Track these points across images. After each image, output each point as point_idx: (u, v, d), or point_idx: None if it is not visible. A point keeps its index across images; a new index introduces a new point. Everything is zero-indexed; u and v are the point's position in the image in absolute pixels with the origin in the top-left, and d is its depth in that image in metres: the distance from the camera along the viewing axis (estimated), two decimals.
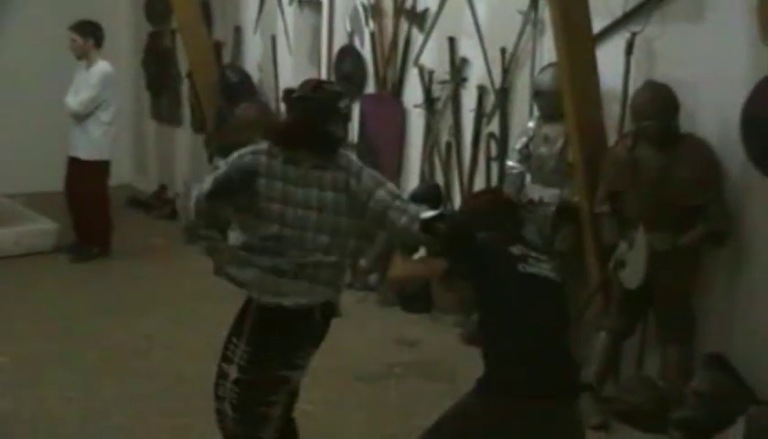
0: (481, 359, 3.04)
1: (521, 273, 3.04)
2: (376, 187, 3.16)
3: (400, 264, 3.26)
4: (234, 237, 3.28)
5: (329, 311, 3.26)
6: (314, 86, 3.27)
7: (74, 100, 6.42)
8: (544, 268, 3.11)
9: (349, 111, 3.29)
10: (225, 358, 3.27)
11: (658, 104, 4.25)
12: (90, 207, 6.64)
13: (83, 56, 6.48)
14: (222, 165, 3.28)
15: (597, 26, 4.65)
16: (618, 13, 4.65)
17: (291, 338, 3.18)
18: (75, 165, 6.55)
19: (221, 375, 3.27)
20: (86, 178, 6.52)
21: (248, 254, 3.17)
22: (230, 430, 3.29)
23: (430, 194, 5.41)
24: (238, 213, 3.23)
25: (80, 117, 6.43)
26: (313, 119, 3.14)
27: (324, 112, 3.15)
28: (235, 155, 3.23)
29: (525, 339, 2.96)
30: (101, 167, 6.59)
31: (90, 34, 6.46)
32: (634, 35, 4.51)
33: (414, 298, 5.73)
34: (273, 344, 3.18)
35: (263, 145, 3.22)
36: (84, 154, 6.50)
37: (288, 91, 3.25)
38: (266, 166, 3.16)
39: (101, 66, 6.48)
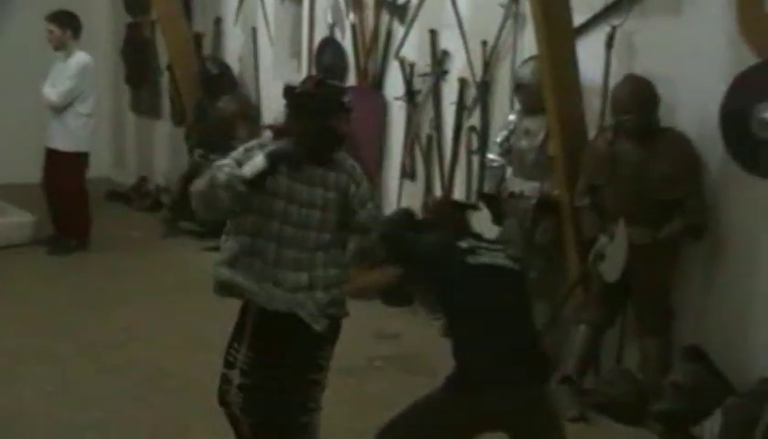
0: None
1: (472, 265, 3.05)
2: (369, 199, 3.25)
3: (357, 277, 3.32)
4: (228, 246, 3.18)
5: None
6: (317, 82, 3.24)
7: (52, 91, 6.36)
8: (497, 257, 3.11)
9: (351, 106, 3.23)
10: (227, 364, 3.25)
11: (638, 98, 4.26)
12: (68, 198, 6.57)
13: (61, 47, 6.42)
14: (231, 159, 3.09)
15: (577, 19, 4.65)
16: (598, 6, 4.66)
17: (299, 341, 3.16)
18: (53, 156, 6.49)
19: (225, 380, 3.25)
20: (64, 170, 6.47)
21: (255, 270, 3.11)
22: (249, 437, 3.26)
23: (402, 217, 5.60)
24: (239, 214, 3.12)
25: (59, 108, 6.37)
26: (317, 115, 3.09)
27: (327, 108, 3.12)
28: (244, 147, 3.14)
29: (484, 332, 2.96)
30: (80, 159, 6.54)
31: (67, 25, 6.39)
32: (614, 28, 4.52)
33: (394, 292, 5.71)
34: (274, 348, 3.16)
35: (267, 141, 3.18)
36: (62, 145, 6.44)
37: (289, 88, 3.19)
38: None
39: (79, 57, 6.41)
